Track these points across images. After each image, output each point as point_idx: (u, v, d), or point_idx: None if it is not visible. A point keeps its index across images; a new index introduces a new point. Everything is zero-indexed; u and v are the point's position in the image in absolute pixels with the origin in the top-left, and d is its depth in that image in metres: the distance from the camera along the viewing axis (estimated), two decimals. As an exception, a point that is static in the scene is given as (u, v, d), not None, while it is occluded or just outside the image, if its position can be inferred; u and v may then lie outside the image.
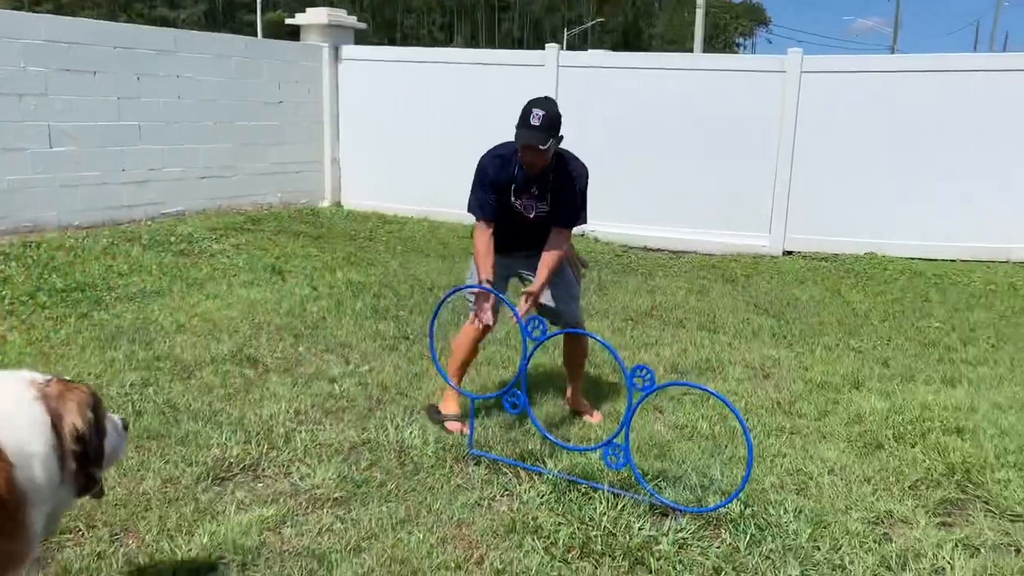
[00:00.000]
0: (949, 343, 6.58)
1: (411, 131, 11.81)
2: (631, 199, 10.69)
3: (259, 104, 11.05)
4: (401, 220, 11.51)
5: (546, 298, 4.38)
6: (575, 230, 4.56)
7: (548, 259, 4.25)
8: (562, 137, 4.16)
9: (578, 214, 4.32)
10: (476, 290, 4.19)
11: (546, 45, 11.34)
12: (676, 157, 10.64)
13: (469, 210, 4.38)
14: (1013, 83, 9.62)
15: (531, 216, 4.34)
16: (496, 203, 4.30)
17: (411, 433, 4.24)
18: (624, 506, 3.54)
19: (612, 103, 10.80)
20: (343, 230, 10.45)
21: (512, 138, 4.13)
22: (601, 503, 3.54)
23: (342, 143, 12.31)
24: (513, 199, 4.32)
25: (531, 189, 4.29)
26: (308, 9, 12.14)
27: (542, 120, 4.01)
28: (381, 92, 11.95)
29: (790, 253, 10.42)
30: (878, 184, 10.08)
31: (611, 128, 10.77)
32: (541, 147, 4.03)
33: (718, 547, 3.29)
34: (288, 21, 12.67)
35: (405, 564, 3.07)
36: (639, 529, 3.36)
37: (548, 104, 4.10)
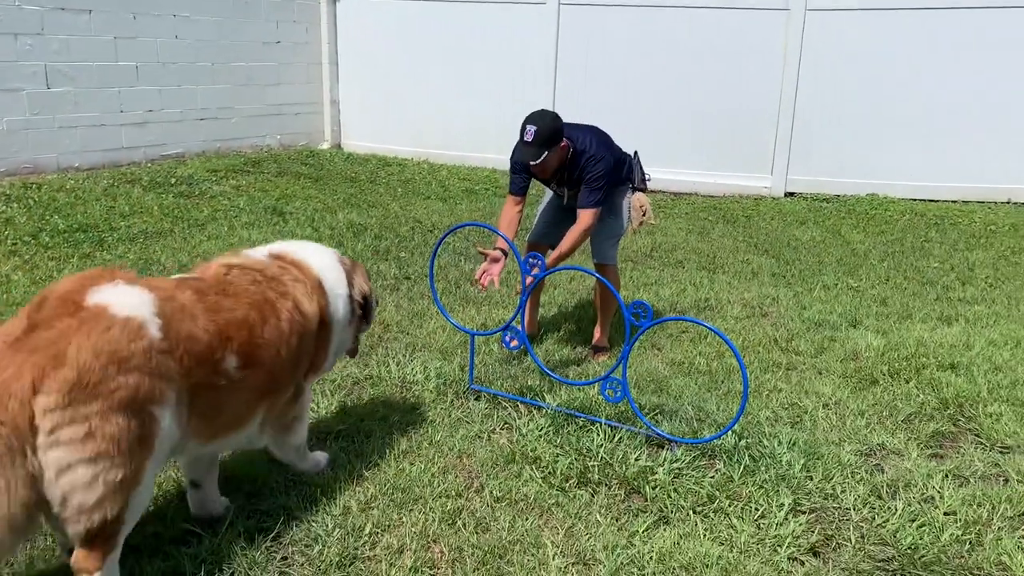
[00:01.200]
0: (947, 282, 6.61)
1: (410, 71, 11.67)
2: (632, 139, 10.41)
3: (257, 44, 10.90)
4: (401, 162, 11.46)
5: None
6: (650, 184, 5.12)
7: (570, 236, 4.41)
8: (563, 145, 4.31)
9: (595, 199, 4.41)
10: (487, 252, 4.35)
11: (547, -18, 11.11)
12: (678, 97, 10.53)
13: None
14: (1020, 21, 9.46)
15: (564, 200, 4.67)
16: (530, 180, 4.57)
17: (412, 369, 4.31)
18: (621, 438, 3.62)
19: (614, 41, 10.64)
20: (343, 172, 10.41)
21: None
22: (599, 435, 3.61)
23: (341, 84, 12.17)
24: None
25: (552, 183, 4.62)
26: (305, -55, 11.90)
27: (534, 136, 4.21)
28: (380, 31, 11.77)
29: (792, 194, 10.39)
30: (881, 125, 9.98)
31: (613, 66, 10.64)
32: (533, 162, 4.26)
33: (712, 476, 3.37)
34: None
35: (407, 492, 3.15)
36: (635, 460, 3.43)
37: (542, 119, 4.27)
